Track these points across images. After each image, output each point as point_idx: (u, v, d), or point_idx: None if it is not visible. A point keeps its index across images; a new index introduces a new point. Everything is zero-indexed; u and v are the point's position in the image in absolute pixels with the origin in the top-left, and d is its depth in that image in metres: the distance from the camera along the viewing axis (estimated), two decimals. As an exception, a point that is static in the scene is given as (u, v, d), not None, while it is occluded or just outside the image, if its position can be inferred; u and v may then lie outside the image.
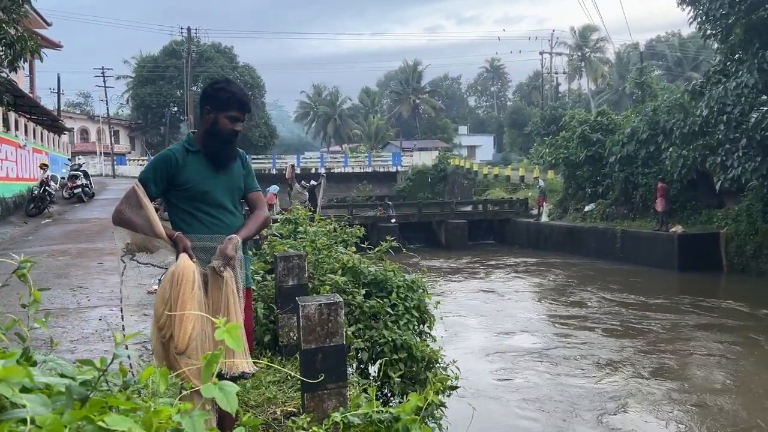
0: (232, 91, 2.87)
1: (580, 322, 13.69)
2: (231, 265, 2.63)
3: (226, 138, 2.86)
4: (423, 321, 5.95)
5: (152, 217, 2.69)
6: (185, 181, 2.83)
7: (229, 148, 2.89)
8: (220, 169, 2.89)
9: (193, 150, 2.87)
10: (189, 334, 2.43)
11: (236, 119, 2.86)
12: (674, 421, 8.26)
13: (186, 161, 2.85)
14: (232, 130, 2.86)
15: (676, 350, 11.43)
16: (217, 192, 2.86)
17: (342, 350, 3.25)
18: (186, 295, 2.47)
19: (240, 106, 2.88)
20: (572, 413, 8.50)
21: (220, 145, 2.86)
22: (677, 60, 60.01)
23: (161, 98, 51.73)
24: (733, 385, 9.56)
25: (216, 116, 2.85)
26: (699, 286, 17.11)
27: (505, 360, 10.94)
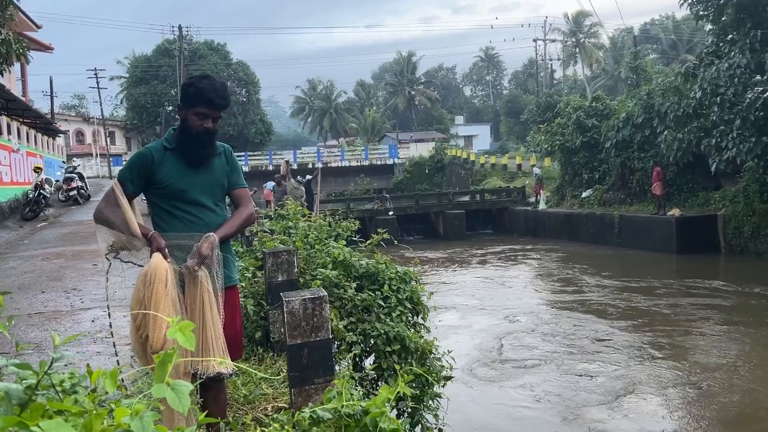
0: (200, 87, 2.76)
1: (580, 306, 13.71)
2: (206, 265, 2.58)
3: (195, 136, 2.77)
4: (416, 312, 5.93)
5: (128, 216, 2.67)
6: (162, 180, 2.78)
7: (200, 145, 2.79)
8: (198, 166, 2.82)
9: (170, 147, 2.82)
10: (163, 333, 2.42)
11: (204, 116, 2.76)
12: (677, 400, 8.28)
13: (163, 159, 2.80)
14: (201, 128, 2.76)
15: (677, 331, 11.45)
16: (195, 190, 2.80)
17: (328, 345, 3.24)
18: (159, 295, 2.44)
19: (207, 102, 2.75)
20: (573, 398, 8.51)
21: (191, 143, 2.78)
22: (672, 43, 59.84)
23: (156, 98, 51.55)
24: (736, 364, 9.57)
25: (186, 113, 2.78)
26: (698, 268, 17.12)
27: (505, 347, 10.95)
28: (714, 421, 7.73)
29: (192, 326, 1.20)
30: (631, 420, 7.79)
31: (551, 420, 7.95)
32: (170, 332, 1.17)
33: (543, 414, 8.14)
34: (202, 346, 2.51)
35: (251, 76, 54.53)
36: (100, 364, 4.63)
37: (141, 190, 2.87)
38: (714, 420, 7.76)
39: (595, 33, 62.55)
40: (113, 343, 3.37)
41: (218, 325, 2.59)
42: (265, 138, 54.87)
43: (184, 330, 1.19)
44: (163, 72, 51.10)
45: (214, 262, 2.63)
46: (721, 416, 7.87)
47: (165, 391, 1.11)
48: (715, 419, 7.79)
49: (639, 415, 7.91)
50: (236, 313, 3.06)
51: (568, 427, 7.72)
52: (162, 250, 2.61)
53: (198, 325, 2.50)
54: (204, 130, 2.77)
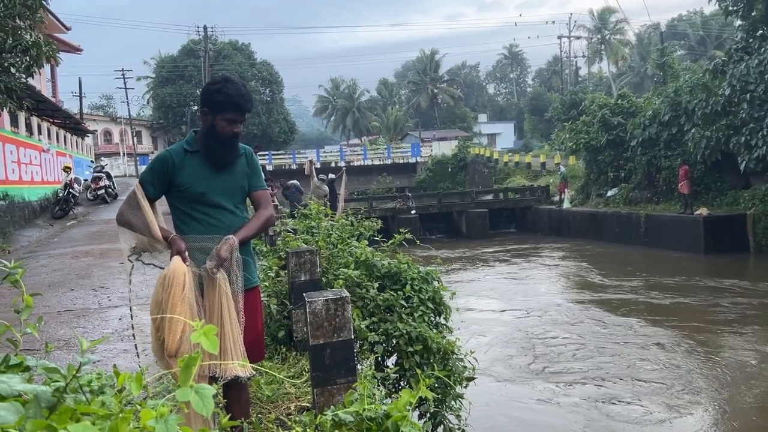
0: (227, 92, 2.75)
1: (606, 306, 13.55)
2: (225, 267, 2.58)
3: (224, 141, 2.79)
4: (439, 313, 5.92)
5: (149, 218, 2.69)
6: (182, 183, 2.80)
7: (227, 149, 2.82)
8: (222, 169, 2.84)
9: (191, 150, 2.83)
10: (178, 336, 2.44)
11: (233, 121, 2.78)
12: (708, 405, 8.14)
13: (183, 162, 2.81)
14: (231, 133, 2.79)
15: (707, 332, 11.25)
16: (215, 192, 2.81)
17: (350, 345, 3.25)
18: (176, 298, 2.46)
19: (236, 108, 2.77)
20: (599, 402, 8.42)
21: (221, 148, 2.80)
22: (700, 39, 58.77)
23: (181, 98, 52.21)
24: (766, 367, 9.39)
25: (213, 119, 2.78)
26: (726, 268, 16.81)
27: (529, 348, 10.88)
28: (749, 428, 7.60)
29: (215, 330, 1.21)
30: (665, 428, 7.68)
31: (575, 424, 7.87)
32: (194, 336, 1.19)
33: (566, 416, 8.07)
34: (220, 348, 2.54)
35: (275, 75, 54.90)
36: (126, 363, 4.71)
37: (162, 193, 2.89)
38: (749, 428, 7.63)
39: (620, 29, 61.76)
40: (135, 345, 3.41)
41: (237, 328, 2.58)
42: (289, 137, 55.23)
43: (207, 334, 1.21)
44: (189, 72, 51.72)
45: (233, 264, 2.63)
46: (757, 423, 7.73)
47: (189, 394, 1.12)
48: (750, 427, 7.65)
49: (672, 425, 7.80)
50: (258, 314, 3.07)
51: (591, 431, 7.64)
52: (181, 254, 2.62)
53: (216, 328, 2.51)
54: (234, 135, 2.79)
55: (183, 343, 2.44)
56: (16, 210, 14.57)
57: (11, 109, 8.53)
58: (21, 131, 16.67)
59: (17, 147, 15.79)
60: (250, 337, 2.86)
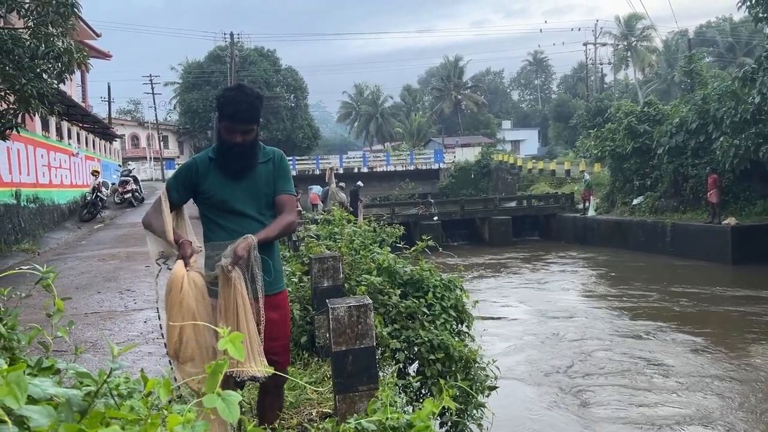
0: (223, 101, 2.73)
1: (632, 315, 13.36)
2: (239, 265, 2.54)
3: (227, 149, 2.75)
4: (461, 321, 5.89)
5: (166, 222, 2.73)
6: (206, 190, 2.83)
7: (232, 158, 2.77)
8: (237, 178, 2.81)
9: (214, 158, 2.85)
10: (174, 340, 2.46)
11: (231, 130, 2.72)
12: (740, 422, 7.97)
13: (208, 170, 2.84)
14: (231, 141, 2.73)
15: (735, 343, 11.02)
16: (237, 200, 2.81)
17: (372, 352, 3.25)
18: (173, 303, 2.48)
19: (229, 117, 2.71)
20: (626, 415, 8.30)
21: (225, 156, 2.78)
22: (729, 46, 57.83)
23: (207, 103, 52.78)
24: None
25: (219, 126, 2.78)
26: (755, 278, 16.45)
27: (553, 357, 10.76)
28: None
29: (241, 337, 1.22)
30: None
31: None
32: (221, 343, 1.20)
33: (591, 426, 7.96)
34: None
35: (299, 81, 55.32)
36: (151, 365, 4.77)
37: (186, 199, 2.93)
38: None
39: (647, 36, 61.03)
40: (164, 344, 3.46)
41: (253, 327, 2.55)
42: (312, 143, 55.56)
43: (234, 341, 1.22)
44: (215, 78, 52.33)
45: (252, 263, 2.59)
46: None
47: (215, 401, 1.14)
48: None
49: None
50: (287, 320, 3.08)
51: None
52: (185, 258, 2.63)
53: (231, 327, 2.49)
54: (233, 143, 2.74)
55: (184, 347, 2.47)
56: (45, 213, 14.87)
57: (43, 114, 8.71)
58: (51, 135, 17.03)
59: (48, 151, 16.13)
60: (279, 342, 2.89)
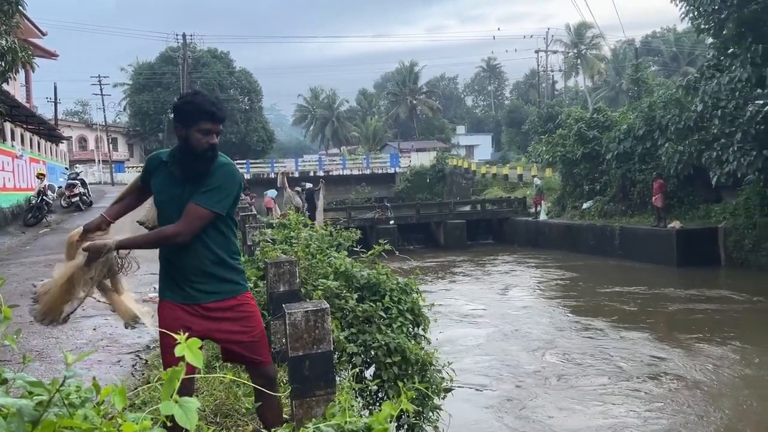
0: (198, 102, 2.72)
1: (581, 317, 13.69)
2: (91, 255, 2.84)
3: (200, 153, 2.70)
4: (417, 324, 5.94)
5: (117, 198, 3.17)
6: (151, 187, 2.95)
7: (204, 162, 2.72)
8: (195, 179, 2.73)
9: (165, 161, 2.88)
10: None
11: (209, 132, 2.70)
12: (678, 413, 8.26)
13: (157, 169, 2.91)
14: (207, 144, 2.70)
15: (678, 342, 11.42)
16: (170, 206, 2.80)
17: (330, 357, 3.26)
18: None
19: (210, 116, 2.71)
20: (574, 417, 8.50)
21: (196, 161, 2.71)
22: (673, 55, 60.05)
23: (159, 105, 51.79)
24: (741, 375, 9.56)
25: (188, 132, 2.71)
26: (698, 280, 17.10)
27: (506, 359, 10.94)
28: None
29: (199, 343, 1.21)
30: None
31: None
32: (179, 349, 1.19)
33: (541, 425, 8.11)
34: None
35: (254, 84, 54.80)
36: (101, 374, 4.64)
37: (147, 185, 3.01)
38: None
39: (596, 44, 62.79)
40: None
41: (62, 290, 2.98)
42: (267, 146, 55.08)
43: (192, 347, 1.20)
44: (167, 79, 51.35)
45: (110, 262, 2.90)
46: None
47: (173, 407, 1.12)
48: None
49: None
50: (250, 319, 3.04)
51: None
52: (88, 229, 2.99)
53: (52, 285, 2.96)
54: (210, 146, 2.71)
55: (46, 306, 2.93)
56: (-13, 217, 14.29)
57: (-16, 114, 8.39)
58: (-7, 137, 16.38)
59: (-11, 153, 15.52)
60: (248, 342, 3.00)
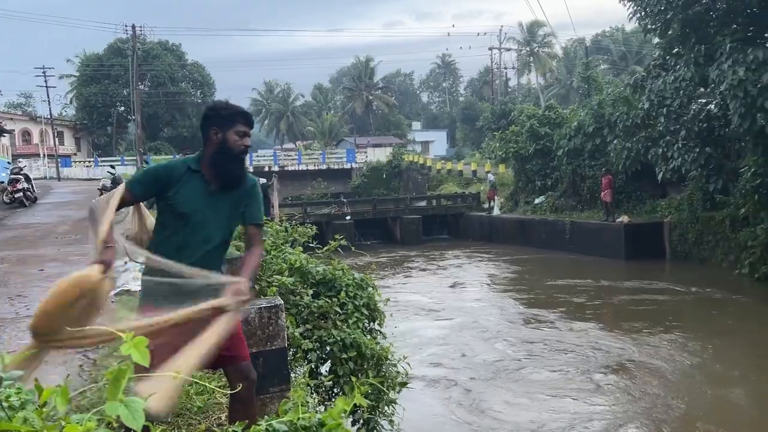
0: (233, 107, 2.90)
1: (533, 309, 13.98)
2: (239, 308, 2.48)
3: (236, 155, 2.80)
4: (373, 319, 5.95)
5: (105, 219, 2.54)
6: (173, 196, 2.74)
7: (240, 165, 2.84)
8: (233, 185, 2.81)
9: (194, 169, 2.80)
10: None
11: (244, 134, 2.83)
12: (622, 403, 8.53)
13: (183, 178, 2.77)
14: (242, 146, 2.81)
15: (625, 331, 11.76)
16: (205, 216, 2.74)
17: (284, 353, 3.24)
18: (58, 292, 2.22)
19: (246, 118, 2.86)
20: (525, 409, 8.68)
21: (233, 164, 2.80)
22: (622, 54, 61.63)
23: (107, 98, 50.31)
24: (680, 363, 9.92)
25: (224, 135, 2.78)
26: (644, 273, 17.66)
27: (459, 352, 11.08)
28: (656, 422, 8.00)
29: (145, 342, 1.19)
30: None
31: (505, 425, 8.08)
32: (124, 348, 1.16)
33: (494, 419, 8.26)
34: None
35: (207, 77, 53.83)
36: (43, 376, 4.49)
37: (149, 197, 2.86)
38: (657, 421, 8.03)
39: (548, 43, 63.92)
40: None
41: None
42: (221, 141, 54.08)
43: (138, 346, 1.18)
44: (116, 72, 49.92)
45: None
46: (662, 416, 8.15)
47: (118, 408, 1.10)
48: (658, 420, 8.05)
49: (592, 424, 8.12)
50: None
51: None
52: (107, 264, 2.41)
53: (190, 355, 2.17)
54: (245, 148, 2.83)
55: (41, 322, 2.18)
56: None
57: None
58: (-71, 130, 15.62)
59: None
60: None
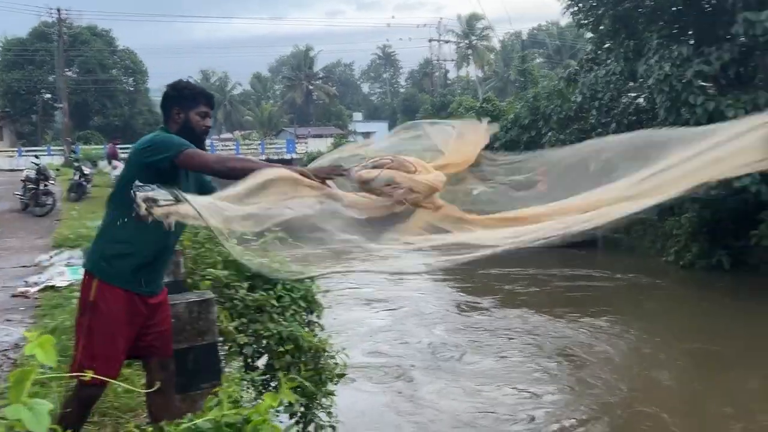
0: (196, 87, 2.97)
1: (470, 297, 14.22)
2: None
3: (199, 135, 2.85)
4: (311, 310, 5.91)
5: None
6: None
7: (202, 145, 2.88)
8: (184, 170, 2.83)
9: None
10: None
11: (206, 114, 2.88)
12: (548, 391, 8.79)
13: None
14: (204, 127, 2.88)
15: (559, 317, 12.09)
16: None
17: (214, 348, 3.17)
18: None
19: (207, 99, 2.91)
20: (463, 388, 8.82)
21: (194, 143, 2.78)
22: (557, 48, 63.28)
23: (31, 84, 47.93)
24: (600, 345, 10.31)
25: (186, 115, 2.84)
26: (578, 261, 18.21)
27: (400, 341, 11.15)
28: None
29: (52, 341, 1.12)
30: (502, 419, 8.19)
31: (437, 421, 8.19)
32: (28, 348, 1.09)
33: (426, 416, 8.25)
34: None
35: (139, 64, 52.03)
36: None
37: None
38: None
39: (486, 36, 64.97)
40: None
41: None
42: (153, 129, 52.46)
43: (44, 345, 1.11)
44: (40, 57, 47.59)
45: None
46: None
47: (21, 411, 1.04)
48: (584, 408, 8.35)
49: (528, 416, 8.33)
50: (168, 310, 3.00)
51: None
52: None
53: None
54: (206, 129, 2.90)
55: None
56: None
57: None
58: None
59: None
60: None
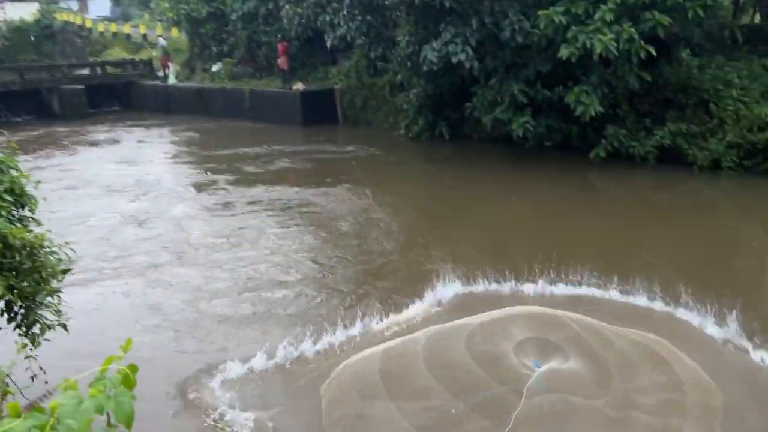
0: None
1: (214, 177, 13.95)
2: None
3: None
4: (22, 205, 5.21)
5: None
6: None
7: None
8: None
9: None
10: None
11: None
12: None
13: None
14: None
15: (306, 186, 12.57)
16: None
17: None
18: None
19: None
20: (208, 275, 8.81)
21: None
22: None
23: None
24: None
25: None
26: (320, 137, 18.85)
27: (134, 230, 10.59)
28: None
29: None
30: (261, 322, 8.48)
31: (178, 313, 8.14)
32: None
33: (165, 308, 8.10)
34: None
35: None
36: None
37: None
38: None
39: None
40: None
41: None
42: None
43: None
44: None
45: None
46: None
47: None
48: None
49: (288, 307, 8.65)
50: None
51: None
52: None
53: None
54: None
55: None
56: None
57: None
58: None
59: None
60: None
